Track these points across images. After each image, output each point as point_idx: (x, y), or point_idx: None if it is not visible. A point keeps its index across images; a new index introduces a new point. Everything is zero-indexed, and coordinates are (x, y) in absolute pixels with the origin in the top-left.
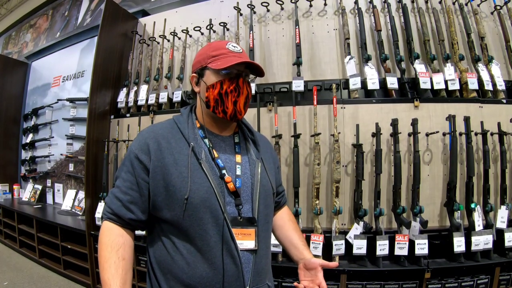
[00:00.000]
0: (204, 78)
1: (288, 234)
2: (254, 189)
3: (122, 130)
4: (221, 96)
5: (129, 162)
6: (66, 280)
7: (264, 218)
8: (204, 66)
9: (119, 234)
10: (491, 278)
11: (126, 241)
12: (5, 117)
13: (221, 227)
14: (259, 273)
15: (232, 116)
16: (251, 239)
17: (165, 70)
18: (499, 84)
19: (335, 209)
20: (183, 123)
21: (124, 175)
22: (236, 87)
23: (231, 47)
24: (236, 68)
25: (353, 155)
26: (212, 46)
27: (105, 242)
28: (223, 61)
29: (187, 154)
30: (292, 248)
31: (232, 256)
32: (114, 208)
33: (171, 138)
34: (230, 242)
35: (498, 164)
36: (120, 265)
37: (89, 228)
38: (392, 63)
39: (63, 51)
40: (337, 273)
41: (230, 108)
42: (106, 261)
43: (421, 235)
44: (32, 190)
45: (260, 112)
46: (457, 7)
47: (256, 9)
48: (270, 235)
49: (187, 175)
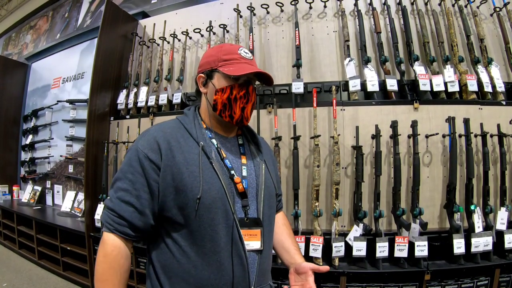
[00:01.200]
0: (213, 81)
1: (281, 239)
2: (259, 190)
3: (122, 131)
4: (230, 101)
5: (138, 162)
6: (65, 281)
7: (268, 219)
8: (214, 69)
9: (126, 256)
10: (491, 280)
11: (129, 264)
12: (4, 118)
13: (231, 228)
14: (263, 273)
15: (239, 121)
16: (257, 240)
17: (165, 72)
18: (498, 86)
19: (334, 211)
20: (190, 123)
21: (131, 176)
22: (245, 94)
23: (243, 53)
24: (247, 75)
25: (352, 157)
26: (224, 49)
27: (113, 267)
28: (236, 67)
29: (197, 153)
30: (284, 252)
31: (240, 257)
32: (126, 216)
33: (180, 137)
34: (238, 243)
35: (498, 165)
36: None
37: (89, 229)
38: (392, 65)
39: (63, 52)
40: (337, 275)
41: (237, 113)
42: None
43: (421, 237)
44: (32, 192)
45: (260, 114)
46: (456, 9)
47: (256, 11)
48: (273, 236)
49: (199, 175)
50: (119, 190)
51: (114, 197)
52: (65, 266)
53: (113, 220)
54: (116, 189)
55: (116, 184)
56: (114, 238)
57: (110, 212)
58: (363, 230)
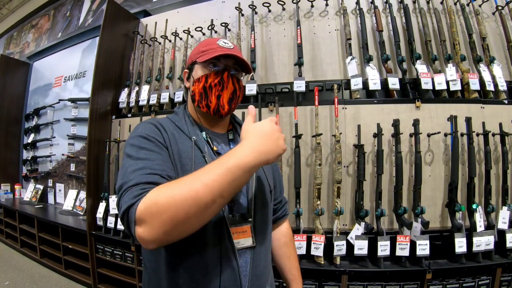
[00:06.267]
0: (192, 73)
1: (281, 263)
2: (249, 188)
3: (124, 130)
4: (205, 89)
5: (146, 140)
6: (67, 280)
7: (260, 218)
8: (194, 61)
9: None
10: (492, 279)
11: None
12: (6, 117)
13: (220, 227)
14: (258, 277)
15: (215, 110)
16: (247, 236)
17: (166, 70)
18: (500, 84)
19: (336, 210)
20: (180, 121)
21: (145, 153)
22: (220, 81)
23: (222, 43)
24: (224, 63)
25: (354, 156)
26: (204, 42)
27: (178, 180)
28: (209, 54)
29: (191, 147)
30: (281, 276)
31: (228, 259)
32: (155, 180)
33: (173, 130)
34: (227, 242)
35: (500, 164)
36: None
37: (90, 228)
38: (394, 64)
39: (65, 51)
40: (338, 274)
41: (213, 102)
42: (205, 172)
43: (422, 235)
44: (34, 190)
45: (262, 112)
46: (458, 8)
47: (258, 10)
48: (269, 237)
49: (191, 168)
50: (134, 171)
51: (131, 176)
52: (67, 264)
53: (141, 188)
54: (130, 172)
55: (128, 170)
56: (153, 190)
57: (134, 187)
58: (364, 229)
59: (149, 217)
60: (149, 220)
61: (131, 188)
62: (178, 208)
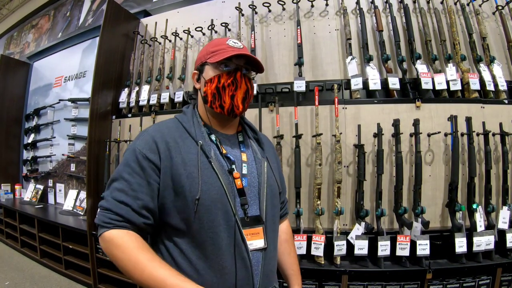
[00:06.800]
0: (203, 74)
1: (281, 259)
2: (261, 189)
3: (124, 130)
4: (219, 90)
5: (136, 163)
6: (67, 280)
7: (271, 219)
8: (204, 62)
9: (139, 236)
10: (492, 279)
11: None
12: (7, 117)
13: (233, 229)
14: (267, 275)
15: (230, 110)
16: (260, 238)
17: (166, 70)
18: (501, 84)
19: (336, 210)
20: (188, 122)
21: (128, 177)
22: (233, 81)
23: (231, 43)
24: (235, 63)
25: (354, 156)
26: (213, 42)
27: (132, 247)
28: (220, 54)
29: (196, 153)
30: (282, 272)
31: (243, 259)
32: (123, 213)
33: (177, 138)
34: (241, 244)
35: (500, 164)
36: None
37: (91, 228)
38: (394, 64)
39: (65, 51)
40: (339, 273)
41: (227, 102)
42: (149, 261)
43: (422, 235)
44: (34, 190)
45: (262, 112)
46: (458, 7)
47: (258, 10)
48: (277, 236)
49: (197, 175)
50: (115, 190)
51: (110, 197)
52: (67, 264)
53: (110, 218)
54: (112, 189)
55: (112, 185)
56: (116, 232)
57: (106, 211)
58: (365, 229)
59: (103, 245)
60: (104, 246)
61: (104, 209)
62: (117, 263)
